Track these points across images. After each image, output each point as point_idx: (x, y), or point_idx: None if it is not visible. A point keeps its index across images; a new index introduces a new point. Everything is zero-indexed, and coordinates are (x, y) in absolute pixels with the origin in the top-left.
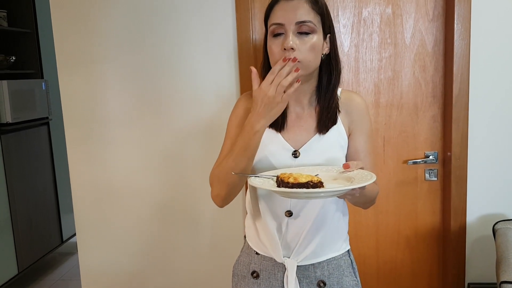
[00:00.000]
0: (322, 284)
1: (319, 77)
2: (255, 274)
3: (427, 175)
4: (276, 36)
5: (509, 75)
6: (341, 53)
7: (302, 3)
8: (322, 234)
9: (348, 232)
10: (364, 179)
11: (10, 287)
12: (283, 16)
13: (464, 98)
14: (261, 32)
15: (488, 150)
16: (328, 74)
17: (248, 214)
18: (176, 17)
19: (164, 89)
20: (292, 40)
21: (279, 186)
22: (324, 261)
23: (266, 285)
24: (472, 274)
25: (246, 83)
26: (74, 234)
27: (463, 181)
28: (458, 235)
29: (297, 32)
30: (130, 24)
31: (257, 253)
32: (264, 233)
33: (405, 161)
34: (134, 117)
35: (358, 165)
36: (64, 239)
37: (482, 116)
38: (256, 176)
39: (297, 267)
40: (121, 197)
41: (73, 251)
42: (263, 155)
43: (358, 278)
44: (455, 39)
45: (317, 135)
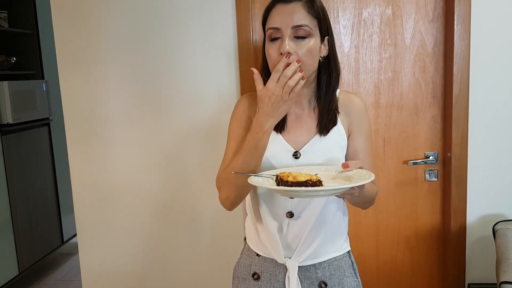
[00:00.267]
0: (324, 285)
1: (318, 79)
2: (256, 276)
3: (427, 176)
4: (273, 40)
5: (509, 76)
6: (341, 54)
7: (298, 7)
8: (323, 234)
9: (349, 233)
10: (363, 179)
11: None
12: (280, 21)
13: (464, 99)
14: (261, 33)
15: (488, 151)
16: (327, 76)
17: (248, 216)
18: (176, 18)
19: (165, 89)
20: (289, 45)
21: (279, 185)
22: (325, 262)
23: (267, 287)
24: (472, 275)
25: (246, 84)
26: (75, 235)
27: (463, 182)
28: (458, 236)
29: (294, 36)
30: (131, 25)
31: (258, 255)
32: (265, 234)
33: (405, 162)
34: (135, 117)
35: (357, 165)
36: (65, 240)
37: (482, 117)
38: (256, 176)
39: (298, 268)
40: (122, 198)
41: (74, 252)
42: (264, 156)
43: (359, 279)
44: (455, 40)
45: (317, 136)
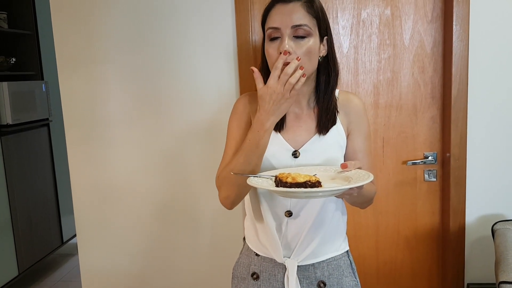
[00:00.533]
0: (322, 285)
1: (317, 79)
2: (255, 276)
3: (426, 176)
4: (273, 40)
5: (508, 76)
6: (340, 54)
7: (298, 7)
8: (322, 234)
9: (348, 233)
10: (362, 179)
11: None
12: (279, 20)
13: (463, 99)
14: (261, 33)
15: (487, 151)
16: (326, 76)
17: (248, 216)
18: (176, 18)
19: (164, 90)
20: (288, 44)
21: (278, 186)
22: (324, 262)
23: (266, 286)
24: (472, 275)
25: (246, 84)
26: (74, 235)
27: (462, 182)
28: (458, 236)
29: (293, 36)
30: (130, 25)
31: (257, 255)
32: (264, 234)
33: (404, 162)
34: (134, 118)
35: (356, 165)
36: (64, 240)
37: (481, 117)
38: (255, 176)
39: (297, 268)
40: (122, 198)
41: (73, 252)
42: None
43: (358, 279)
44: (454, 40)
45: (317, 136)
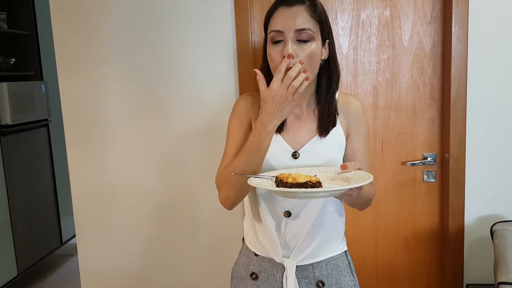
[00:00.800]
0: (321, 284)
1: (318, 82)
2: (254, 276)
3: (425, 177)
4: (276, 43)
5: (507, 77)
6: (340, 55)
7: (301, 11)
8: (322, 234)
9: (347, 234)
10: (362, 180)
11: None
12: (283, 24)
13: (462, 100)
14: (260, 34)
15: (486, 152)
16: (328, 79)
17: (247, 216)
18: (176, 19)
19: (164, 90)
20: (291, 48)
21: (278, 186)
22: (323, 261)
23: (265, 286)
24: (470, 275)
25: (245, 85)
26: (74, 236)
27: (461, 183)
28: (457, 236)
29: (296, 40)
30: (130, 26)
31: (256, 255)
32: (263, 234)
33: (404, 163)
34: (134, 118)
35: (356, 166)
36: (64, 241)
37: (480, 118)
38: (256, 177)
39: (296, 268)
40: (121, 198)
41: (73, 253)
42: None
43: (356, 278)
44: (453, 42)
45: (317, 137)
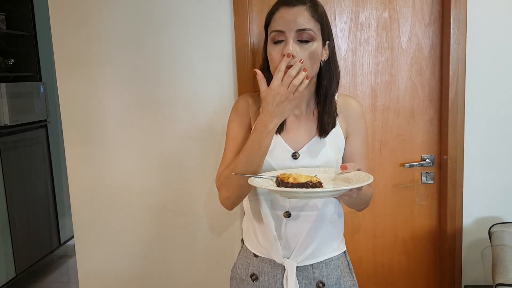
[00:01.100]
0: (321, 285)
1: (318, 83)
2: (254, 277)
3: (424, 178)
4: (277, 43)
5: (505, 79)
6: (338, 57)
7: (303, 11)
8: (322, 235)
9: (346, 235)
10: (362, 180)
11: None
12: (284, 24)
13: (460, 102)
14: (259, 36)
15: (484, 154)
16: (328, 80)
17: (246, 217)
18: (175, 20)
19: (163, 92)
20: (292, 47)
21: (279, 186)
22: (323, 262)
23: (265, 287)
24: (469, 277)
25: (244, 86)
26: (72, 237)
27: (460, 184)
28: (455, 238)
29: (297, 40)
30: (129, 27)
31: (256, 256)
32: (263, 234)
33: (402, 164)
34: (133, 119)
35: (355, 167)
36: (62, 242)
37: (478, 120)
38: (256, 177)
39: (296, 268)
40: (120, 199)
41: (71, 254)
42: None
43: (355, 278)
44: (451, 44)
45: (317, 137)
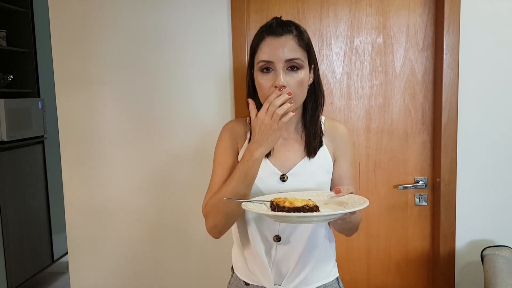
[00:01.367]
0: None
1: (304, 105)
2: None
3: (417, 200)
4: (265, 72)
5: (497, 104)
6: (334, 80)
7: (289, 40)
8: (314, 260)
9: (339, 256)
10: (357, 204)
11: None
12: (272, 54)
13: (453, 126)
14: None
15: (477, 177)
16: (313, 102)
17: (235, 244)
18: (173, 41)
19: (160, 111)
20: (283, 78)
21: (274, 211)
22: None
23: None
24: None
25: (241, 106)
26: (65, 254)
27: (452, 207)
28: (448, 261)
29: (286, 69)
30: (128, 47)
31: (247, 284)
32: (253, 260)
33: (396, 186)
34: (130, 138)
35: (349, 190)
36: (55, 259)
37: (471, 143)
38: (249, 201)
39: None
40: (114, 217)
41: (64, 271)
42: None
43: None
44: (444, 69)
45: (305, 159)
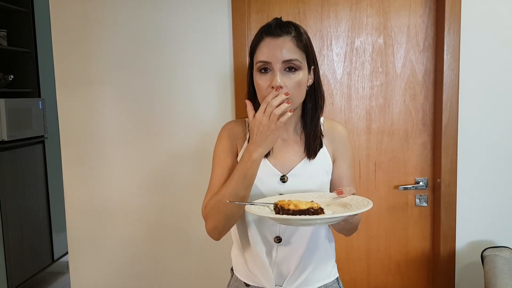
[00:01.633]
0: None
1: (304, 106)
2: None
3: (418, 201)
4: (263, 73)
5: (497, 105)
6: (334, 80)
7: (287, 41)
8: (315, 260)
9: (339, 256)
10: (361, 205)
11: None
12: (270, 54)
13: (453, 126)
14: None
15: (477, 178)
16: (313, 103)
17: (235, 245)
18: (174, 42)
19: (160, 111)
20: (280, 79)
21: (279, 213)
22: None
23: None
24: None
25: (242, 106)
26: (65, 253)
27: (453, 208)
28: (448, 261)
29: (284, 70)
30: (128, 47)
31: (247, 285)
32: (254, 262)
33: (396, 187)
34: (130, 138)
35: (351, 191)
36: (55, 258)
37: (471, 144)
38: (251, 204)
39: None
40: (115, 217)
41: (64, 271)
42: None
43: None
44: (445, 69)
45: (304, 160)
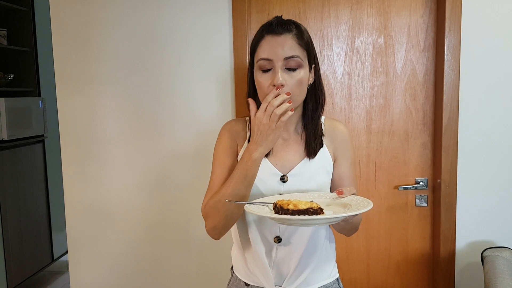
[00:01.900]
0: None
1: (304, 105)
2: None
3: (418, 201)
4: (265, 71)
5: (497, 105)
6: (334, 80)
7: (289, 39)
8: (315, 261)
9: (339, 257)
10: (361, 205)
11: None
12: (271, 52)
13: (454, 126)
14: None
15: (477, 178)
16: (314, 102)
17: (235, 245)
18: (174, 41)
19: (160, 111)
20: (282, 77)
21: (278, 213)
22: None
23: None
24: None
25: (242, 106)
26: (65, 253)
27: (453, 208)
28: (448, 262)
29: (285, 68)
30: (128, 47)
31: (247, 284)
32: (253, 261)
33: (396, 187)
34: (130, 138)
35: (351, 191)
36: (55, 258)
37: (472, 144)
38: (251, 203)
39: None
40: (114, 217)
41: (63, 270)
42: None
43: None
44: (445, 69)
45: (305, 160)
